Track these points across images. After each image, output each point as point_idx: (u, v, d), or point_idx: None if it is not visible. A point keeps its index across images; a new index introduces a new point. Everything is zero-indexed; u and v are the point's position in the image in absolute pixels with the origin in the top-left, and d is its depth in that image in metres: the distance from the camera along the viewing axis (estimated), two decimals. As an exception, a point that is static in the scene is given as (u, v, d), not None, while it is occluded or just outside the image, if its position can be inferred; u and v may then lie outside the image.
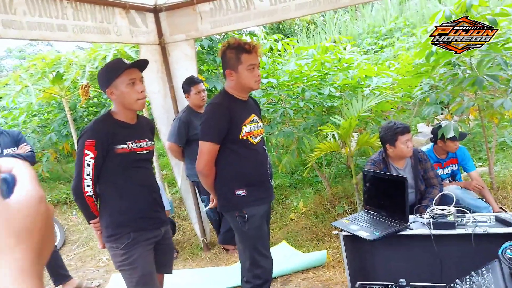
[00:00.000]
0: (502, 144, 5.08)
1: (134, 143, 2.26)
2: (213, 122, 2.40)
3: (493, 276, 1.86)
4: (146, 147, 2.34)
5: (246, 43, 2.36)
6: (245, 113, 2.47)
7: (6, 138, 3.55)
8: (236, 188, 2.45)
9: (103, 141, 2.15)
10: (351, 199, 4.50)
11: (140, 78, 2.22)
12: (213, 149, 2.41)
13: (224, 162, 2.47)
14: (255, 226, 2.47)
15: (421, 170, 3.38)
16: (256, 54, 2.39)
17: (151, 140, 2.42)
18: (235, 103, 2.45)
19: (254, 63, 2.38)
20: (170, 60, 3.99)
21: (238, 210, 2.45)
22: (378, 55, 8.85)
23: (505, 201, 3.95)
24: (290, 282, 3.50)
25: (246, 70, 2.37)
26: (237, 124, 2.40)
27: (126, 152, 2.22)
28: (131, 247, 2.22)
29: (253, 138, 2.48)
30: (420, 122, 6.65)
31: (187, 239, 4.75)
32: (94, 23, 3.38)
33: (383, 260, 2.53)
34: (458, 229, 2.27)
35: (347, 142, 4.00)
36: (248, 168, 2.47)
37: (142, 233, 2.26)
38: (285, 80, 4.71)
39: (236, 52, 2.36)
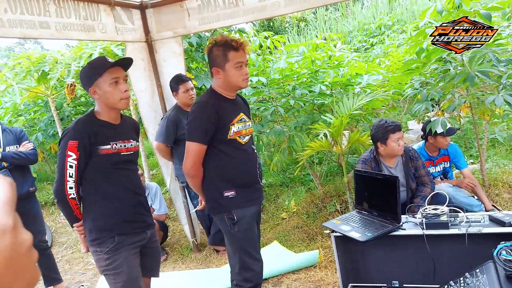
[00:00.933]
0: (493, 141, 5.07)
1: (119, 144, 2.19)
2: (199, 121, 2.32)
3: (488, 278, 1.82)
4: (130, 148, 2.27)
5: (233, 40, 2.29)
6: (233, 112, 2.40)
7: (9, 136, 3.55)
8: (225, 189, 2.38)
9: (86, 141, 2.08)
10: (342, 197, 4.46)
11: (123, 77, 2.15)
12: (200, 149, 2.34)
13: (212, 163, 2.40)
14: (245, 228, 2.40)
15: (412, 168, 3.34)
16: (243, 51, 2.31)
17: (135, 140, 2.35)
18: (222, 102, 2.38)
19: (242, 61, 2.30)
20: (157, 57, 3.91)
21: (227, 212, 2.38)
22: (369, 53, 8.84)
23: (497, 198, 3.93)
24: (281, 283, 3.45)
25: (233, 68, 2.30)
26: (224, 123, 2.33)
27: (110, 153, 2.15)
28: (116, 251, 2.15)
29: (241, 138, 2.41)
30: (411, 119, 6.63)
31: (177, 240, 4.68)
32: (78, 20, 3.28)
33: (376, 261, 2.49)
34: (452, 229, 2.23)
35: (338, 140, 3.96)
36: (237, 169, 2.40)
37: (127, 237, 2.19)
38: (276, 78, 4.65)
39: (223, 49, 2.29)
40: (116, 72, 2.12)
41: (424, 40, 3.82)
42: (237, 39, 2.31)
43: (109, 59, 2.14)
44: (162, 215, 4.48)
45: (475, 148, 5.07)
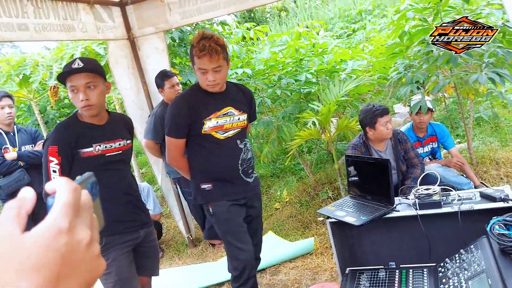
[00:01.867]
0: (478, 119, 5.14)
1: (103, 145, 2.14)
2: (172, 117, 2.35)
3: (483, 252, 1.85)
4: (119, 147, 2.21)
5: (198, 45, 2.18)
6: (214, 106, 2.35)
7: (24, 135, 3.62)
8: (202, 181, 2.42)
9: (66, 146, 2.03)
10: (334, 184, 4.49)
11: (83, 85, 1.99)
12: (177, 143, 2.37)
13: (192, 155, 2.44)
14: (222, 219, 2.43)
15: (402, 151, 3.37)
16: (208, 58, 2.18)
17: (127, 139, 2.29)
18: (201, 96, 2.35)
19: (204, 68, 2.23)
20: (140, 54, 3.86)
21: (205, 204, 2.44)
22: (351, 39, 8.86)
23: (485, 175, 4.00)
24: (279, 272, 3.47)
25: (198, 71, 2.27)
26: (198, 118, 2.32)
27: (93, 155, 2.10)
28: (105, 251, 2.11)
29: (219, 133, 2.38)
30: (396, 103, 6.69)
31: (172, 237, 4.67)
32: (57, 21, 3.22)
33: (372, 244, 2.51)
34: (444, 207, 2.26)
35: (326, 127, 3.97)
36: (213, 163, 2.40)
37: (117, 237, 2.16)
38: (261, 69, 4.64)
39: (191, 50, 2.27)
40: (74, 80, 1.99)
41: (406, 23, 3.84)
42: (205, 44, 2.16)
43: (74, 65, 2.00)
44: (157, 215, 4.47)
45: (461, 128, 5.14)
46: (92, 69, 2.02)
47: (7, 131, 3.55)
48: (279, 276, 3.40)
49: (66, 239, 0.42)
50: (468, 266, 1.86)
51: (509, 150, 4.33)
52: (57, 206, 0.43)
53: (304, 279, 3.25)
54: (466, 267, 1.86)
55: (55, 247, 0.41)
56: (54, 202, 0.44)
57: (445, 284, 1.90)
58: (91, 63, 2.05)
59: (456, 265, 1.95)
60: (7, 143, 3.50)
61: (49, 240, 0.41)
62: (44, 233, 0.41)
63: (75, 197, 0.45)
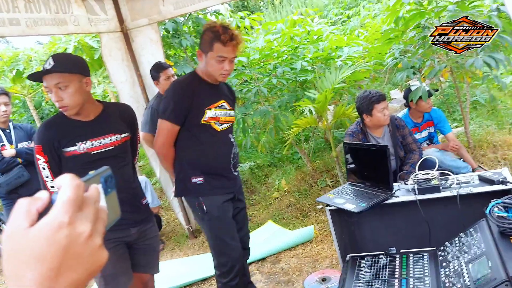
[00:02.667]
0: (474, 103, 5.14)
1: (88, 143, 2.04)
2: (173, 100, 2.29)
3: (482, 235, 1.86)
4: (109, 143, 2.10)
5: (225, 33, 2.19)
6: (212, 97, 2.35)
7: (20, 132, 3.61)
8: (193, 175, 2.36)
9: (49, 145, 2.00)
10: (332, 172, 4.50)
11: (54, 85, 1.92)
12: (172, 129, 2.31)
13: (183, 146, 2.37)
14: (216, 216, 2.39)
15: (399, 137, 3.37)
16: (232, 48, 2.22)
17: (121, 132, 2.17)
18: (201, 85, 2.34)
19: (225, 56, 2.23)
20: (134, 46, 3.83)
21: (195, 198, 2.37)
22: (346, 25, 8.82)
23: (483, 159, 4.02)
24: (279, 260, 3.49)
25: (214, 59, 2.24)
26: (200, 106, 2.29)
27: (76, 154, 2.02)
28: None
29: (217, 124, 2.36)
30: (393, 88, 6.68)
31: (172, 229, 4.68)
32: (48, 14, 3.19)
33: (372, 231, 2.52)
34: (443, 192, 2.26)
35: (323, 115, 3.97)
36: (208, 155, 2.37)
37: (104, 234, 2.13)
38: (256, 58, 4.61)
39: (212, 37, 2.21)
40: (47, 80, 1.92)
41: (400, 8, 3.82)
42: (231, 32, 2.21)
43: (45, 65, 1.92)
44: (155, 208, 4.47)
45: (458, 112, 5.14)
46: (62, 69, 1.91)
47: (3, 128, 3.53)
48: (280, 265, 3.42)
49: (66, 232, 0.45)
50: (468, 249, 1.87)
51: (505, 132, 4.35)
52: (59, 202, 0.47)
53: (305, 267, 3.27)
54: (466, 250, 1.87)
55: (56, 240, 0.45)
56: (57, 198, 0.47)
57: (446, 267, 1.91)
58: (62, 62, 1.93)
59: (456, 248, 1.96)
60: (4, 140, 3.48)
61: (50, 233, 0.45)
62: (45, 227, 0.45)
63: (77, 194, 0.48)
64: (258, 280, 3.23)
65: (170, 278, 3.51)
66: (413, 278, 1.96)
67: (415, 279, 1.95)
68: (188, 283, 3.42)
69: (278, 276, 3.27)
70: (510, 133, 4.34)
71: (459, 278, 1.76)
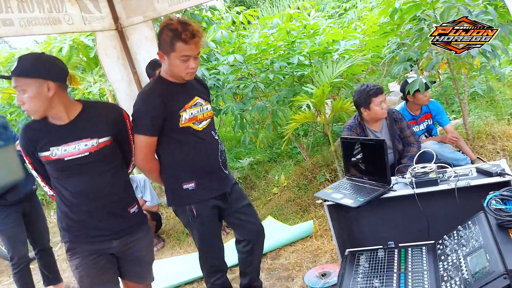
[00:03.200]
0: (473, 94, 5.12)
1: (61, 148, 1.91)
2: (143, 112, 2.15)
3: (480, 228, 1.86)
4: (85, 149, 1.94)
5: (186, 31, 2.05)
6: (184, 97, 2.24)
7: None
8: (184, 181, 2.27)
9: (28, 149, 1.96)
10: (331, 166, 4.49)
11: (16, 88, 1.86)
12: (149, 142, 2.18)
13: (167, 153, 2.27)
14: (207, 221, 2.35)
15: (397, 130, 3.36)
16: (195, 45, 2.09)
17: (100, 137, 1.99)
18: (170, 88, 2.21)
19: (189, 55, 2.11)
20: (129, 44, 3.81)
21: (187, 205, 2.29)
22: (343, 18, 8.77)
23: (482, 150, 4.00)
24: (280, 256, 3.49)
25: (178, 59, 2.12)
26: (173, 111, 2.18)
27: (50, 160, 1.93)
28: (71, 256, 2.04)
29: (196, 124, 2.26)
30: (391, 81, 6.65)
31: (172, 226, 4.68)
32: (42, 14, 3.17)
33: (370, 225, 2.52)
34: (441, 185, 2.26)
35: (321, 110, 3.95)
36: (195, 158, 2.27)
37: (80, 245, 2.03)
38: (252, 54, 4.58)
39: (171, 36, 2.07)
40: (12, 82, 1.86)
41: (394, 1, 3.79)
42: (191, 29, 2.07)
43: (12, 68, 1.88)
44: (155, 206, 4.47)
45: (456, 104, 5.12)
46: (19, 72, 1.84)
47: None
48: (280, 260, 3.42)
49: None
50: (466, 242, 1.86)
51: (504, 123, 4.33)
52: None
53: (305, 262, 3.27)
54: (464, 243, 1.87)
55: None
56: None
57: (444, 261, 1.91)
58: (22, 65, 1.85)
59: (455, 241, 1.95)
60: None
61: None
62: None
63: None
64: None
65: (170, 275, 3.51)
66: (412, 273, 1.96)
67: (414, 274, 1.95)
68: (189, 281, 3.42)
69: (278, 272, 3.27)
70: (509, 124, 4.32)
71: (457, 271, 1.76)
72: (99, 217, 2.03)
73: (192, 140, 2.26)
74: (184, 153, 2.26)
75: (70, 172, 1.96)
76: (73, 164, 1.94)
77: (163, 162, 2.31)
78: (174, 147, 2.26)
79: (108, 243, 2.06)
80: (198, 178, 2.28)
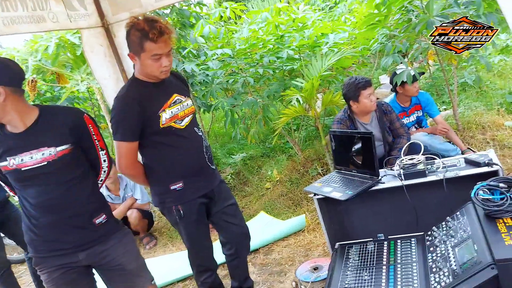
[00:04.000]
0: (463, 85, 5.12)
1: (18, 158, 1.80)
2: (121, 118, 2.09)
3: (468, 218, 1.86)
4: (42, 158, 1.82)
5: (153, 29, 1.98)
6: (162, 97, 2.17)
7: None
8: (171, 182, 2.23)
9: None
10: (323, 160, 4.48)
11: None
12: (131, 147, 2.13)
13: (151, 156, 2.23)
14: (193, 220, 2.31)
15: (387, 122, 3.36)
16: (165, 42, 2.03)
17: (58, 145, 1.86)
18: (146, 89, 2.14)
19: (160, 53, 2.04)
20: (116, 41, 3.75)
21: (173, 205, 2.26)
22: (334, 11, 8.74)
23: (472, 140, 4.01)
24: (272, 251, 3.48)
25: (149, 59, 2.05)
26: (152, 113, 2.12)
27: (8, 170, 1.83)
28: (39, 270, 1.97)
29: (178, 123, 2.20)
30: (382, 74, 6.65)
31: (164, 224, 4.66)
32: (26, 12, 3.11)
33: (360, 218, 2.52)
34: (429, 176, 2.26)
35: (312, 103, 3.94)
36: (180, 157, 2.22)
37: (46, 259, 1.95)
38: (242, 48, 4.55)
39: (139, 36, 2.01)
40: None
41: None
42: (158, 26, 2.00)
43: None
44: (146, 204, 4.44)
45: (446, 95, 5.12)
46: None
47: None
48: (273, 255, 3.41)
49: None
50: (455, 233, 1.86)
51: (494, 113, 4.34)
52: None
53: (298, 256, 3.27)
54: (452, 234, 1.87)
55: None
56: None
57: (433, 252, 1.91)
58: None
59: (443, 232, 1.95)
60: None
61: None
62: None
63: None
64: (251, 272, 3.21)
65: (164, 273, 3.50)
66: (401, 264, 1.96)
67: (403, 265, 1.95)
68: (181, 278, 3.41)
69: (271, 267, 3.26)
70: (498, 114, 4.33)
71: (445, 262, 1.76)
72: (61, 230, 1.92)
73: (175, 139, 2.20)
74: (169, 154, 2.20)
75: (29, 183, 1.86)
76: (30, 175, 1.83)
77: (147, 164, 2.26)
78: (157, 149, 2.21)
79: (72, 256, 1.95)
80: (185, 177, 2.24)
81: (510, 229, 1.62)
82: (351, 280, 1.97)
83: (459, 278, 1.60)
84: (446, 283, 1.65)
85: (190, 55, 4.65)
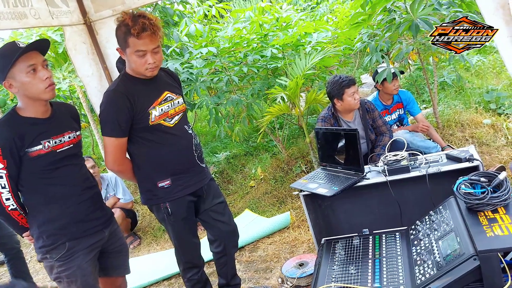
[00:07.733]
0: (442, 84, 5.24)
1: (52, 141, 1.94)
2: (110, 113, 2.09)
3: (451, 212, 1.91)
4: (68, 140, 2.02)
5: (135, 25, 1.96)
6: (152, 94, 2.16)
7: None
8: (159, 179, 2.21)
9: (11, 147, 1.83)
10: (307, 158, 4.52)
11: (42, 63, 1.88)
12: (119, 143, 2.12)
13: (139, 153, 2.21)
14: (181, 218, 2.31)
15: (370, 120, 3.42)
16: (149, 39, 2.00)
17: (75, 130, 2.09)
18: (136, 85, 2.13)
19: (143, 49, 2.01)
20: (99, 39, 3.72)
21: (162, 203, 2.25)
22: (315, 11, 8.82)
23: (452, 138, 4.11)
24: (257, 248, 3.50)
25: (134, 55, 2.03)
26: (142, 109, 2.10)
27: (42, 153, 1.91)
28: (68, 258, 1.99)
29: (167, 121, 2.19)
30: (364, 73, 6.74)
31: (148, 223, 4.63)
32: (7, 8, 3.06)
33: (345, 213, 2.56)
34: (413, 172, 2.31)
35: (296, 102, 3.97)
36: (169, 155, 2.20)
37: (81, 241, 2.02)
38: (226, 47, 4.56)
39: (125, 31, 2.00)
40: (31, 58, 1.84)
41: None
42: (141, 22, 1.97)
43: (19, 44, 1.84)
44: (129, 203, 4.39)
45: (426, 93, 5.23)
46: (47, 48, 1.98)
47: None
48: (258, 252, 3.43)
49: None
50: (438, 226, 1.91)
51: (472, 111, 4.45)
52: None
53: (283, 253, 3.29)
54: (436, 228, 1.92)
55: None
56: None
57: (417, 245, 1.96)
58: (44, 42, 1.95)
59: (427, 226, 2.00)
60: None
61: None
62: None
63: None
64: (236, 269, 3.23)
65: (147, 272, 3.48)
66: (386, 258, 2.00)
67: (388, 259, 1.99)
68: (166, 277, 3.40)
69: (257, 264, 3.28)
70: (477, 112, 4.45)
71: (429, 255, 1.81)
72: (92, 207, 2.10)
73: (164, 137, 2.19)
74: (157, 151, 2.19)
75: (63, 165, 2.00)
76: (63, 156, 1.99)
77: (135, 161, 2.24)
78: (146, 146, 2.19)
79: (101, 233, 2.12)
80: (173, 175, 2.23)
81: (491, 221, 1.68)
82: (337, 274, 2.00)
83: (443, 269, 1.65)
84: (431, 274, 1.69)
85: (174, 54, 4.63)
